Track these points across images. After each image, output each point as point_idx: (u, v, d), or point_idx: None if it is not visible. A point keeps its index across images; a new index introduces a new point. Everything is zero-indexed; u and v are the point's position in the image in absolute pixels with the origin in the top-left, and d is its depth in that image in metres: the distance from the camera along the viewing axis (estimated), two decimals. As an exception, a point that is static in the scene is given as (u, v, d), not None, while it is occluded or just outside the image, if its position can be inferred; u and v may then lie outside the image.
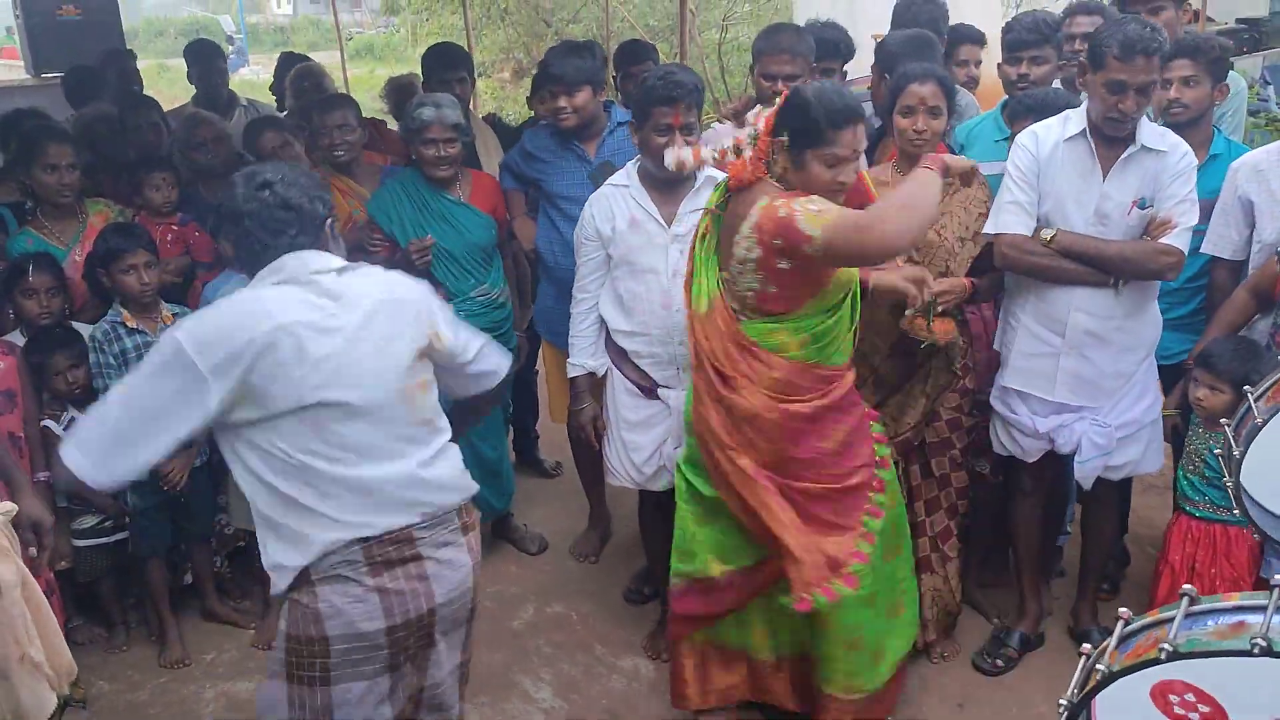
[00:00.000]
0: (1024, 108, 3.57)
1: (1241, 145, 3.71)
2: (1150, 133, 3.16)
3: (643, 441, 3.50)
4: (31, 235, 3.92)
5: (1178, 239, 3.11)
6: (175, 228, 4.23)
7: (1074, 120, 3.22)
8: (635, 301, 3.42)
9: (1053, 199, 3.22)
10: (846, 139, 2.73)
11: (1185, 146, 3.18)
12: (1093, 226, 3.19)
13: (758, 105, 3.83)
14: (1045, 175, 3.22)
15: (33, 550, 2.74)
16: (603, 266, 3.51)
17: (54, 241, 3.91)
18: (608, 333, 3.55)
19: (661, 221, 3.37)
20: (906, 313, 3.22)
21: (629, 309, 3.44)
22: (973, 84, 4.41)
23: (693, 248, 3.04)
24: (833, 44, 4.25)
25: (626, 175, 3.45)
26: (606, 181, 3.51)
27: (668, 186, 3.38)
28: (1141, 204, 3.14)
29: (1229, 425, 2.37)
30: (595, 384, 3.63)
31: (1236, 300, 3.36)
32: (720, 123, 3.96)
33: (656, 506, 3.70)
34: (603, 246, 3.47)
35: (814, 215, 2.66)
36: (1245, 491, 2.26)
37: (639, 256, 3.39)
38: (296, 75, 5.61)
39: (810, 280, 2.81)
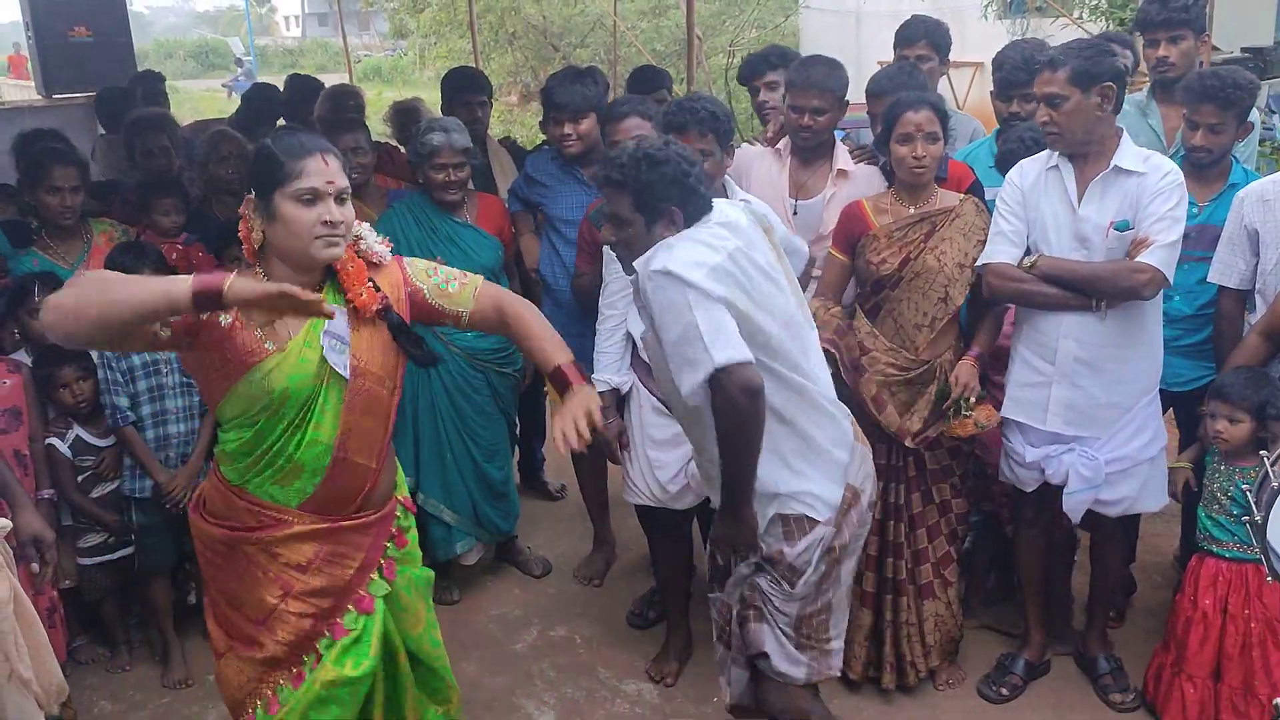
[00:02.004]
0: (1013, 157, 3.55)
1: (1257, 174, 3.72)
2: (1129, 154, 3.18)
3: (668, 459, 3.49)
4: (37, 256, 3.94)
5: (1153, 257, 3.09)
6: (180, 247, 4.25)
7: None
8: None
9: (1037, 226, 3.27)
10: (314, 168, 2.32)
11: (1169, 167, 3.18)
12: (1074, 251, 3.22)
13: (787, 134, 3.86)
14: (1029, 204, 3.27)
15: (34, 566, 2.74)
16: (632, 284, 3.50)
17: (59, 262, 3.93)
18: (634, 349, 3.55)
19: None
20: (949, 416, 3.36)
21: None
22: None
23: None
24: None
25: None
26: None
27: None
28: (1120, 225, 3.15)
29: (1250, 490, 2.36)
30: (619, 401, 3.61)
31: (1248, 345, 3.33)
32: (750, 144, 3.99)
33: (668, 528, 3.69)
34: None
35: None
36: (1271, 548, 2.26)
37: None
38: (341, 93, 5.74)
39: (216, 384, 2.42)
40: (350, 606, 2.53)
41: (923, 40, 4.35)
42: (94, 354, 3.69)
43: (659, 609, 3.99)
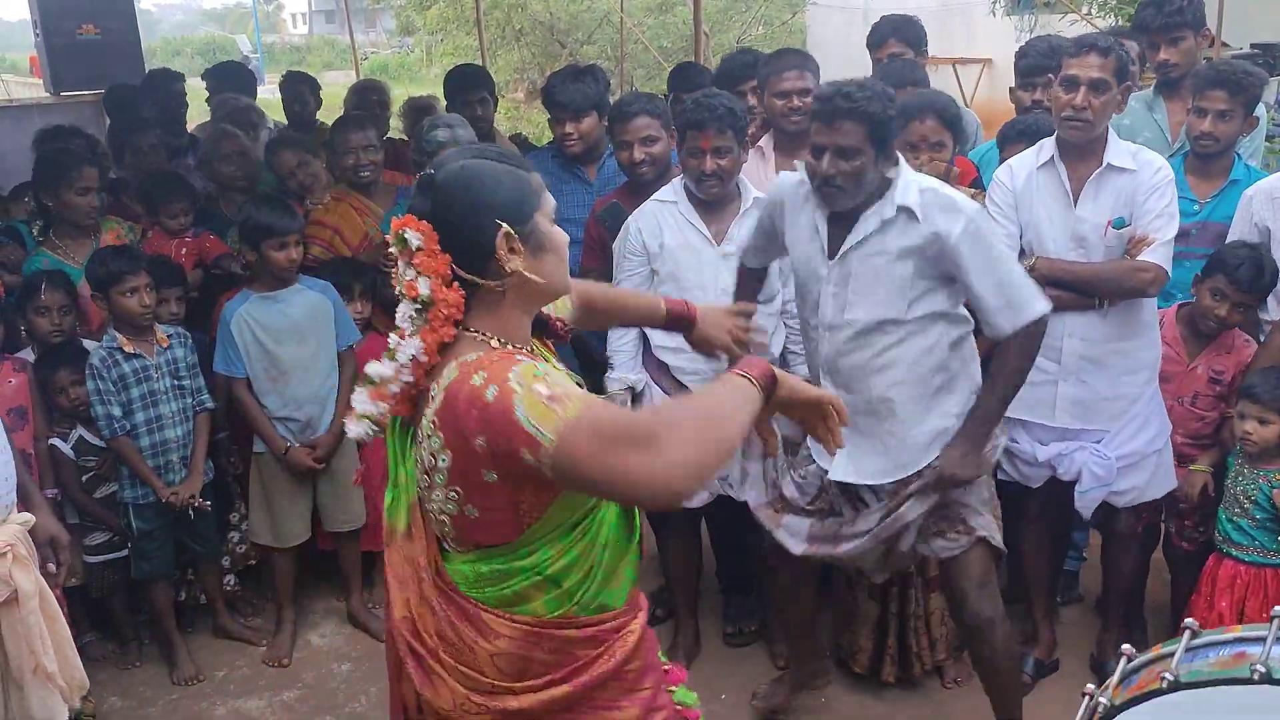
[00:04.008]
0: (1015, 133, 3.58)
1: (1260, 171, 3.71)
2: (1118, 151, 3.17)
3: None
4: (47, 256, 3.94)
5: (1155, 254, 3.09)
6: (189, 240, 4.28)
7: (1046, 148, 3.25)
8: None
9: (1032, 228, 3.25)
10: (539, 179, 1.88)
11: (1159, 163, 3.17)
12: (1072, 251, 3.20)
13: (770, 130, 3.87)
14: (1022, 205, 3.25)
15: (52, 566, 2.77)
16: (646, 281, 3.49)
17: (69, 261, 3.92)
18: (646, 347, 3.55)
19: (711, 239, 3.38)
20: None
21: None
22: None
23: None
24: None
25: (674, 192, 3.45)
26: (652, 197, 3.50)
27: (715, 205, 3.39)
28: (1118, 223, 3.14)
29: None
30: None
31: (1274, 344, 3.30)
32: None
33: (679, 526, 3.68)
34: (648, 262, 3.46)
35: (544, 404, 1.61)
36: None
37: (687, 274, 3.39)
38: (366, 87, 5.84)
39: (534, 500, 1.75)
40: (671, 685, 2.08)
41: (891, 39, 4.40)
42: (87, 362, 3.64)
43: (666, 607, 3.98)
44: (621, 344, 3.56)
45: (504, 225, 1.74)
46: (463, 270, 1.75)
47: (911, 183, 2.77)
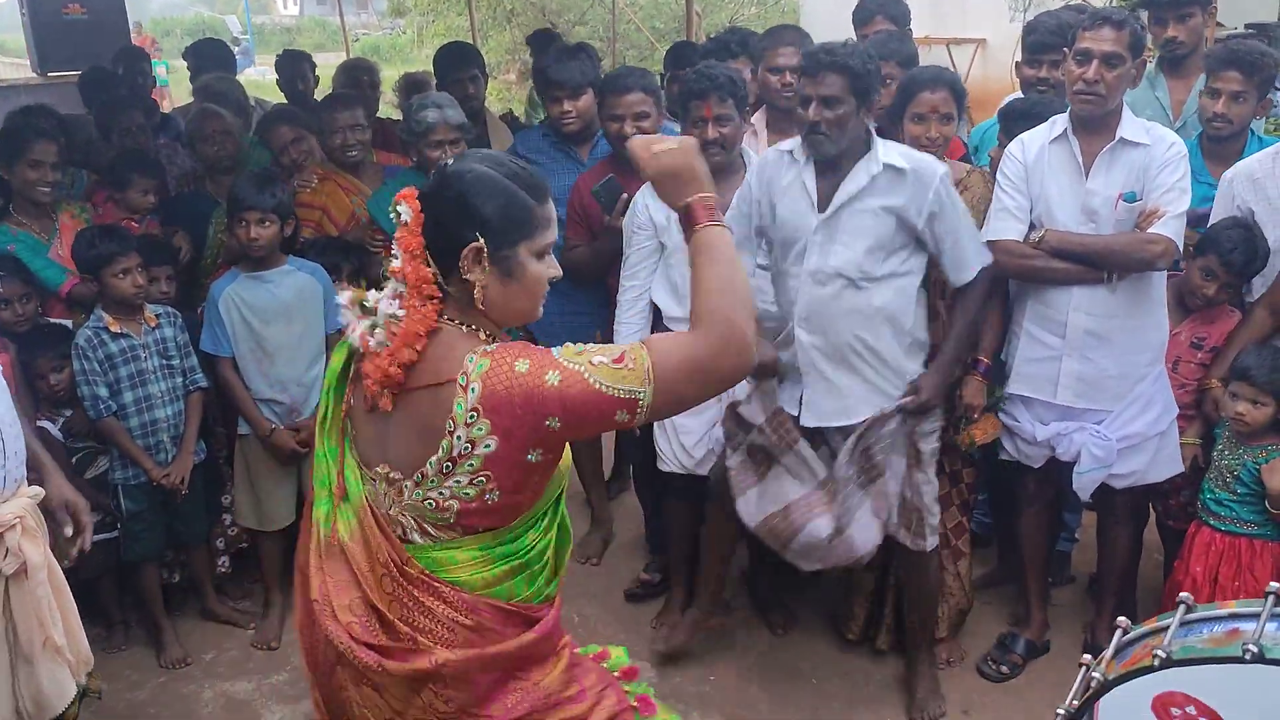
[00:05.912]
0: (1019, 113, 3.55)
1: (1273, 137, 3.68)
2: (1132, 126, 3.16)
3: (693, 425, 3.50)
4: (9, 231, 3.87)
5: (1166, 228, 3.07)
6: (135, 225, 4.17)
7: (1059, 123, 3.24)
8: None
9: (1042, 202, 3.23)
10: (553, 214, 1.89)
11: (1172, 138, 3.16)
12: (1082, 225, 3.19)
13: (763, 106, 3.84)
14: (1033, 179, 3.24)
15: (67, 530, 2.74)
16: (654, 254, 3.52)
17: (39, 237, 3.88)
18: (656, 317, 3.56)
19: None
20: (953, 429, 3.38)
21: (684, 295, 3.44)
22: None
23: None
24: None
25: None
26: None
27: (718, 175, 3.36)
28: (1129, 197, 3.12)
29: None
30: None
31: (1255, 320, 3.31)
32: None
33: (685, 494, 3.68)
34: (655, 235, 3.48)
35: (617, 369, 1.74)
36: None
37: None
38: (355, 67, 5.80)
39: (540, 482, 1.89)
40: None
41: (878, 15, 4.43)
42: (71, 343, 3.61)
43: (655, 581, 4.00)
44: (629, 316, 3.57)
45: (479, 240, 1.79)
46: (433, 259, 1.83)
47: (891, 145, 3.05)
